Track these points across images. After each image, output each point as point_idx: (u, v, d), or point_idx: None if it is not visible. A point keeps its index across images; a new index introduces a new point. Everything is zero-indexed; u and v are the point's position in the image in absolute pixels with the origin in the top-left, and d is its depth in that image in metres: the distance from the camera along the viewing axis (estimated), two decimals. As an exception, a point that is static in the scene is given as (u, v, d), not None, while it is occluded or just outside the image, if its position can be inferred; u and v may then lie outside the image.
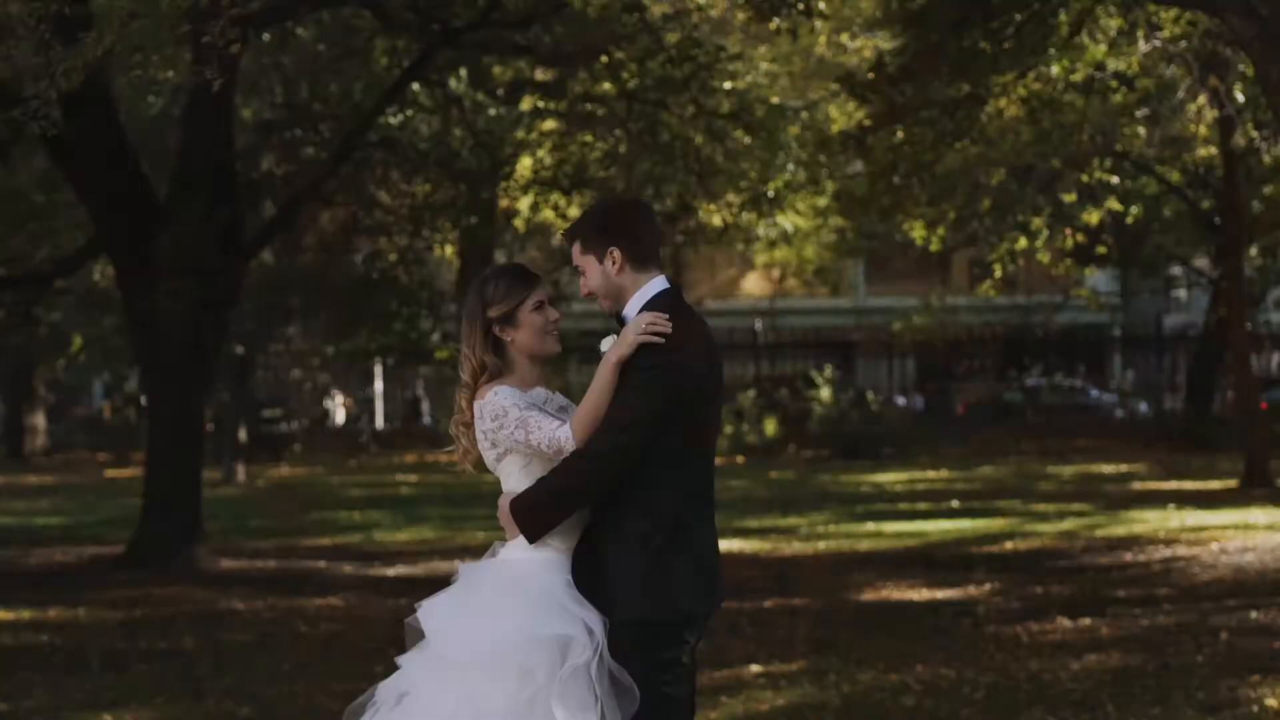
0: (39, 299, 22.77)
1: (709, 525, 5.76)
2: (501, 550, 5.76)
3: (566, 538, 5.67)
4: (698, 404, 5.64)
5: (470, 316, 5.80)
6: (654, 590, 5.57)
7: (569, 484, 5.56)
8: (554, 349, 5.84)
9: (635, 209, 5.87)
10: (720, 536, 5.98)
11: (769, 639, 13.51)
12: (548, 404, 5.77)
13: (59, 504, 28.47)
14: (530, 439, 5.60)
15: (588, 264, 5.80)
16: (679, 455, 5.62)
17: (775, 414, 39.73)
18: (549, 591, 5.59)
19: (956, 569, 17.76)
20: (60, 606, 15.82)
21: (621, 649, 5.55)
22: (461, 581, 5.74)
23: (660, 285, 5.76)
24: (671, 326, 5.57)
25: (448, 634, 5.58)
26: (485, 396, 5.70)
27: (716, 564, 5.78)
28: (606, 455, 5.52)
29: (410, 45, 19.85)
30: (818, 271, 42.19)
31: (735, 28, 25.20)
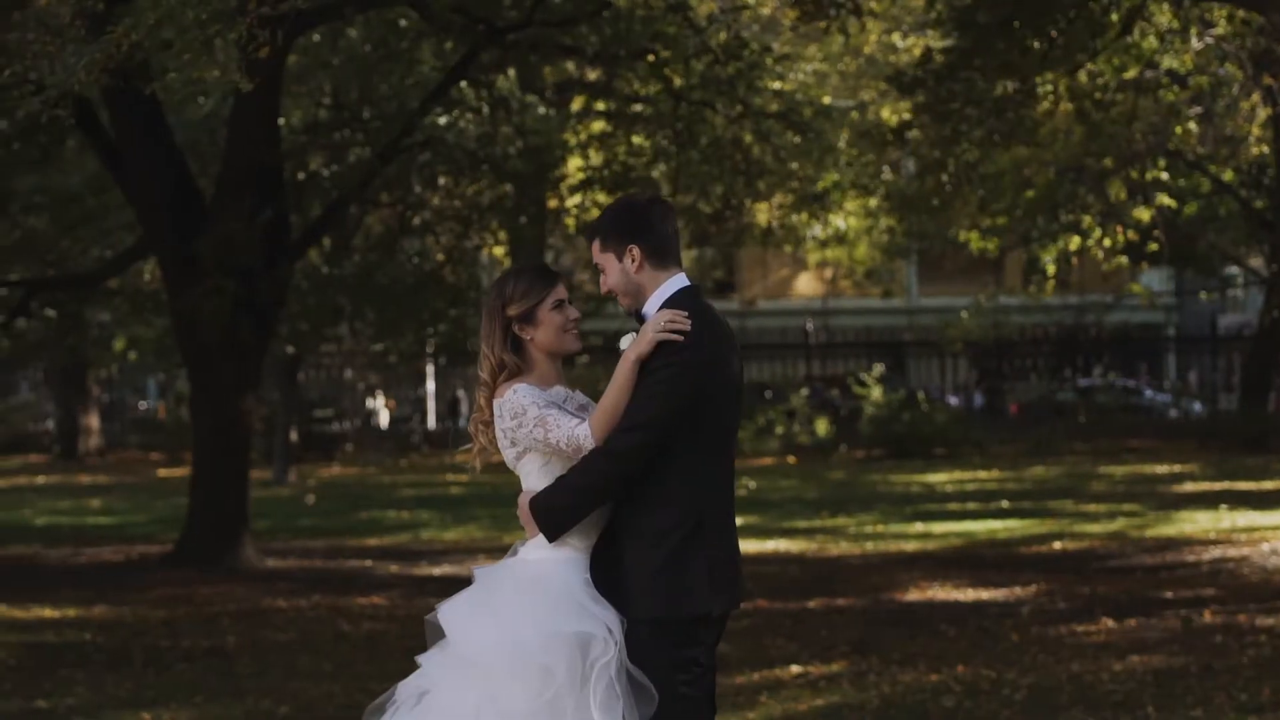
0: (87, 300, 22.88)
1: (728, 524, 5.73)
2: (521, 549, 5.75)
3: (586, 536, 5.65)
4: (716, 402, 5.62)
5: (490, 314, 5.79)
6: (671, 589, 5.54)
7: (588, 482, 5.54)
8: (573, 347, 5.82)
9: (654, 207, 5.84)
10: (767, 536, 5.98)
11: (811, 639, 13.47)
12: (567, 402, 5.75)
13: (111, 503, 28.61)
14: (549, 437, 5.58)
15: (607, 262, 5.79)
16: (698, 453, 5.59)
17: (826, 414, 39.63)
18: (568, 590, 5.57)
19: (1003, 569, 17.67)
20: (106, 605, 15.90)
21: (639, 648, 5.53)
22: (481, 581, 5.73)
23: (680, 283, 5.73)
24: (690, 324, 5.55)
25: (468, 633, 5.56)
26: (504, 395, 5.68)
27: (736, 563, 5.75)
28: (625, 453, 5.50)
29: (456, 46, 19.87)
30: (869, 273, 42.07)
31: (786, 27, 25.12)
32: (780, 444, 38.32)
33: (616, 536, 5.64)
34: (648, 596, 5.55)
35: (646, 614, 5.54)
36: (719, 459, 5.67)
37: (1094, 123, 22.02)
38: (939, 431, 37.81)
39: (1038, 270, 35.60)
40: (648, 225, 5.74)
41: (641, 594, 5.55)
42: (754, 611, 15.07)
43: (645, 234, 5.72)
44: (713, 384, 5.59)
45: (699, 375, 5.55)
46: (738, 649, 12.97)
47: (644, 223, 5.75)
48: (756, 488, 29.76)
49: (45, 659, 12.96)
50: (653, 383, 5.53)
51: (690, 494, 5.57)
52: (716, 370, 5.61)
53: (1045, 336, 46.00)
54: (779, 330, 47.78)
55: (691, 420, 5.55)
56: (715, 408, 5.62)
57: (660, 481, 5.55)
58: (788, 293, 55.85)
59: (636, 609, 5.55)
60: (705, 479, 5.61)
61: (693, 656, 5.60)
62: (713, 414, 5.61)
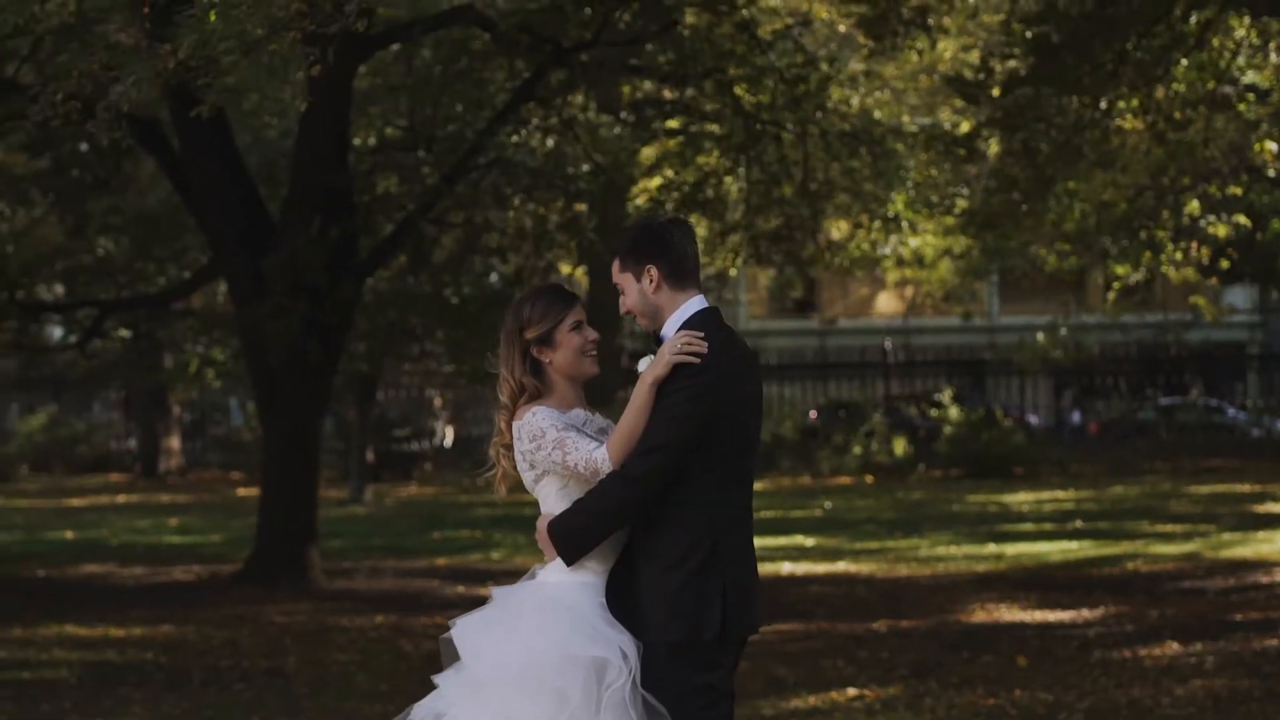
0: (160, 320, 23.07)
1: (746, 546, 5.69)
2: (540, 572, 5.74)
3: (603, 560, 5.63)
4: (733, 424, 5.58)
5: (508, 338, 5.78)
6: (687, 613, 5.51)
7: (605, 506, 5.52)
8: (592, 370, 5.80)
9: (674, 228, 5.81)
10: (837, 557, 5.97)
11: (871, 661, 13.39)
12: (587, 425, 5.73)
13: (188, 522, 28.78)
14: (567, 460, 5.56)
15: (626, 282, 5.76)
16: (715, 476, 5.56)
17: (904, 433, 39.41)
18: (584, 614, 5.54)
19: (1073, 591, 17.50)
20: (172, 624, 15.99)
21: (655, 672, 5.50)
22: (497, 602, 5.71)
23: (698, 304, 5.70)
24: (707, 346, 5.51)
25: (483, 654, 5.56)
26: (523, 417, 5.67)
27: (753, 586, 5.71)
28: (642, 477, 5.47)
29: (523, 66, 19.89)
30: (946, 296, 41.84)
31: (860, 44, 24.97)
32: (858, 463, 38.13)
33: (633, 560, 5.61)
34: (664, 620, 5.52)
35: (663, 638, 5.52)
36: (736, 481, 5.64)
37: (1169, 141, 21.80)
38: (1018, 451, 37.54)
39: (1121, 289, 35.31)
40: (666, 246, 5.72)
41: (658, 618, 5.52)
42: (816, 633, 15.01)
43: (663, 255, 5.70)
44: (729, 406, 5.56)
45: (715, 397, 5.51)
46: (795, 671, 12.91)
47: (662, 243, 5.72)
48: (832, 507, 29.66)
49: (106, 678, 13.04)
50: (669, 405, 5.50)
51: (706, 517, 5.54)
52: (733, 392, 5.58)
53: (1126, 355, 45.60)
54: (859, 349, 47.56)
55: (708, 442, 5.51)
56: (732, 429, 5.58)
57: (676, 504, 5.52)
58: (868, 312, 55.67)
59: (653, 633, 5.52)
60: (721, 502, 5.57)
61: (709, 681, 5.56)
62: (729, 436, 5.57)
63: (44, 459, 42.96)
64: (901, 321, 53.29)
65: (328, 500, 32.81)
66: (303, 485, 19.19)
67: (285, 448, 19.03)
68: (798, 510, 29.30)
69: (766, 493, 34.05)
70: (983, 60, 20.91)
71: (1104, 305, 37.83)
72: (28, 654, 14.27)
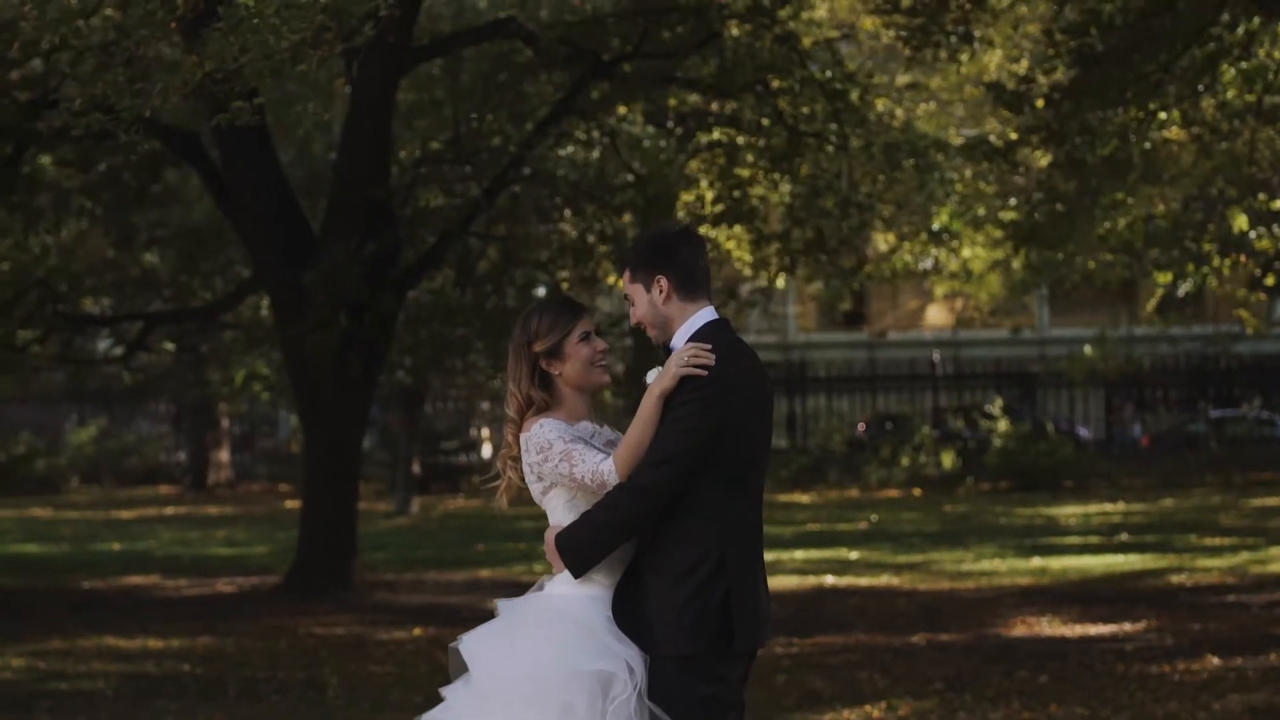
0: (204, 333, 23.17)
1: (754, 559, 5.66)
2: (548, 584, 5.72)
3: (610, 573, 5.61)
4: (740, 436, 5.55)
5: (516, 350, 5.76)
6: (693, 625, 5.48)
7: (613, 518, 5.49)
8: (601, 381, 5.78)
9: (684, 238, 5.78)
10: (880, 570, 5.94)
11: (907, 675, 13.32)
12: (594, 438, 5.70)
13: (234, 535, 28.88)
14: (574, 472, 5.54)
15: (636, 293, 5.74)
16: (723, 489, 5.53)
17: (952, 446, 39.26)
18: (590, 627, 5.52)
19: (1116, 605, 17.38)
20: (211, 636, 16.03)
21: (660, 685, 5.47)
22: (504, 615, 5.70)
23: (708, 316, 5.67)
24: (715, 358, 5.49)
25: (490, 667, 5.55)
26: (530, 429, 5.65)
27: (761, 599, 5.68)
28: (649, 489, 5.45)
29: (564, 78, 19.91)
30: (992, 311, 41.66)
31: (904, 56, 24.94)
32: (906, 476, 38.01)
33: (640, 573, 5.59)
34: (671, 633, 5.49)
35: (670, 651, 5.49)
36: (743, 494, 5.61)
37: (1214, 153, 21.67)
38: (1067, 464, 37.34)
39: (1167, 300, 35.10)
40: (676, 256, 5.69)
41: (665, 631, 5.49)
42: (854, 646, 14.96)
43: (673, 265, 5.67)
44: (736, 418, 5.53)
45: (722, 409, 5.48)
46: (831, 684, 12.86)
47: (672, 254, 5.69)
48: (878, 520, 29.55)
49: (143, 689, 13.08)
50: (676, 418, 5.48)
51: (713, 530, 5.51)
52: (740, 404, 5.55)
53: (1176, 367, 45.31)
54: (908, 362, 47.42)
55: (715, 455, 5.49)
56: (739, 442, 5.55)
57: (683, 517, 5.50)
58: (918, 324, 55.48)
59: (661, 645, 5.50)
60: (728, 514, 5.54)
61: (715, 693, 5.53)
62: (736, 448, 5.54)
63: (94, 471, 43.20)
64: (951, 334, 53.08)
65: (374, 513, 32.96)
66: (343, 497, 19.24)
67: (326, 460, 19.08)
68: (843, 523, 29.21)
69: (813, 505, 34.01)
70: (1027, 72, 20.82)
71: (1151, 317, 37.63)
72: (66, 665, 14.34)
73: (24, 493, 40.11)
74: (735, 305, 25.70)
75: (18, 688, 13.18)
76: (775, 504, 34.27)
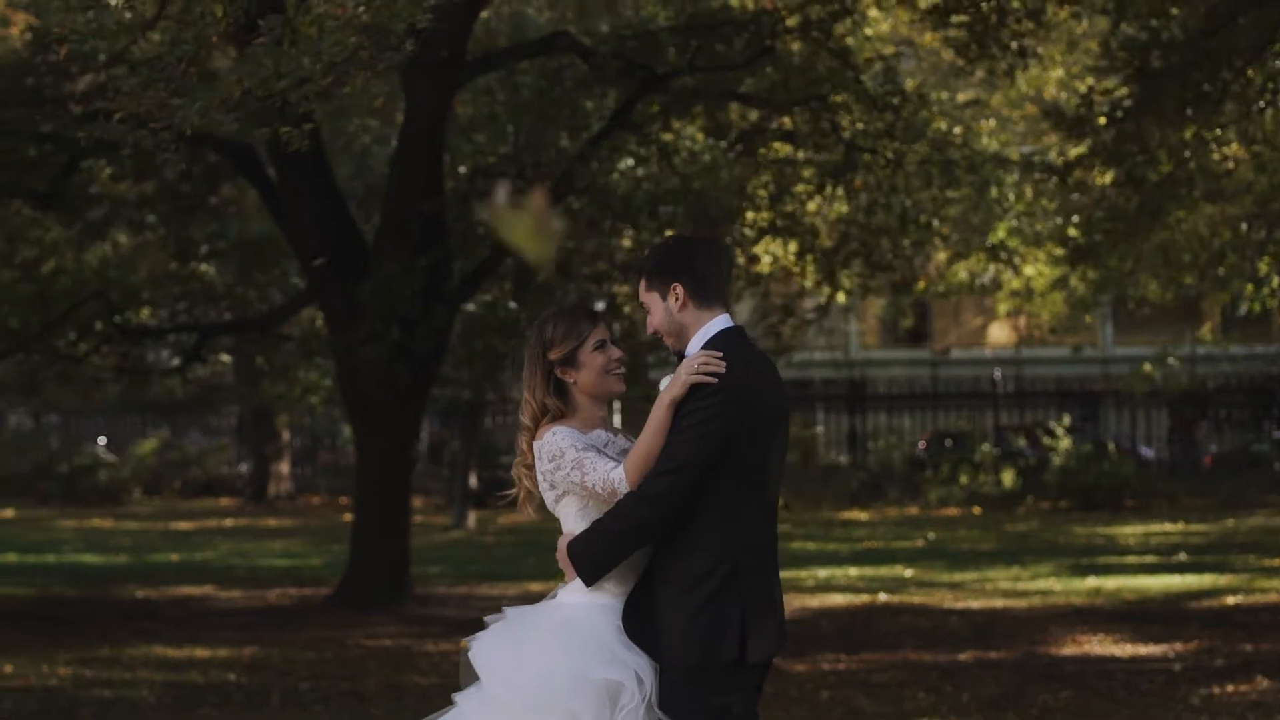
0: (260, 345, 23.26)
1: (766, 568, 5.61)
2: (560, 593, 5.71)
3: (622, 582, 5.58)
4: (751, 444, 5.51)
5: (531, 359, 5.76)
6: (702, 636, 5.45)
7: (623, 526, 5.47)
8: (617, 389, 5.76)
9: (700, 246, 5.76)
10: (933, 588, 5.88)
11: (952, 692, 13.23)
12: (608, 446, 5.68)
13: (290, 547, 28.98)
14: (585, 480, 5.52)
15: (652, 300, 5.72)
16: (735, 497, 5.49)
17: (1013, 465, 39.02)
18: (599, 636, 5.50)
19: (1169, 624, 17.22)
20: (258, 646, 16.06)
21: (672, 695, 5.44)
22: (512, 622, 5.69)
23: (723, 323, 5.64)
24: (725, 365, 5.45)
25: (498, 673, 5.54)
26: (543, 436, 5.64)
27: (774, 610, 5.63)
28: (659, 497, 5.42)
29: (617, 93, 19.90)
30: (1052, 330, 41.38)
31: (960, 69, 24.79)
32: (965, 494, 37.81)
33: (652, 583, 5.56)
34: (682, 644, 5.46)
35: (680, 662, 5.46)
36: (754, 502, 5.56)
37: (1272, 169, 21.48)
38: (1128, 483, 37.07)
39: (1230, 320, 34.85)
40: (691, 264, 5.66)
41: (675, 641, 5.46)
42: (901, 663, 14.87)
43: (688, 273, 5.65)
44: (748, 426, 5.49)
45: (733, 417, 5.45)
46: (875, 701, 12.79)
47: (688, 261, 5.67)
48: (935, 538, 29.39)
49: (186, 698, 13.12)
50: (686, 426, 5.45)
51: (724, 539, 5.47)
52: (752, 412, 5.51)
53: (1240, 386, 44.92)
54: (971, 380, 47.19)
55: (726, 463, 5.45)
56: (751, 450, 5.51)
57: (694, 526, 5.47)
58: (980, 342, 55.22)
59: (670, 656, 5.47)
60: (740, 523, 5.51)
61: (725, 704, 5.49)
62: (748, 457, 5.51)
63: (155, 482, 43.45)
64: (1014, 352, 52.81)
65: (432, 526, 33.03)
66: (395, 508, 19.27)
67: (377, 470, 19.13)
68: (900, 541, 29.08)
69: (871, 523, 33.87)
70: (1086, 94, 20.68)
71: (1213, 336, 37.34)
72: (112, 673, 14.40)
73: (87, 503, 40.39)
74: (792, 322, 25.60)
75: (61, 695, 13.25)
76: (834, 521, 34.19)
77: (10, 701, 12.94)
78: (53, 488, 41.70)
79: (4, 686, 13.69)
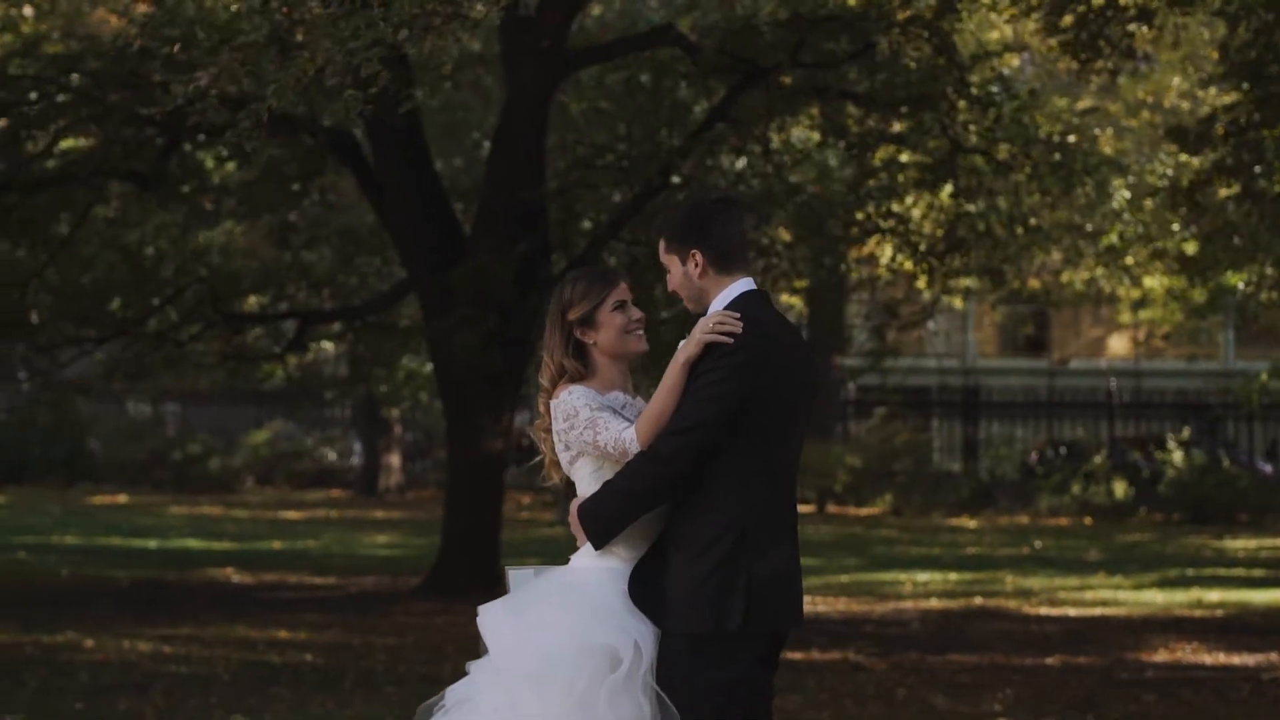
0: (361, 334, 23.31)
1: (780, 536, 5.46)
2: (573, 558, 5.64)
3: (632, 546, 5.49)
4: (766, 407, 5.38)
5: (551, 321, 5.70)
6: (707, 603, 5.33)
7: (633, 487, 5.38)
8: (638, 348, 5.67)
9: (720, 210, 5.64)
10: (1030, 595, 5.72)
11: (1031, 695, 13.02)
12: (626, 409, 5.60)
13: (394, 538, 29.07)
14: (598, 440, 5.45)
15: (671, 264, 5.63)
16: (748, 462, 5.37)
17: (1125, 476, 38.48)
18: (603, 601, 5.42)
19: (1266, 636, 16.88)
20: (340, 630, 16.10)
21: (673, 662, 5.33)
22: (516, 588, 5.62)
23: (743, 287, 5.53)
24: (742, 327, 5.33)
25: (500, 643, 5.49)
26: (559, 396, 5.57)
27: (786, 580, 5.47)
28: (668, 457, 5.32)
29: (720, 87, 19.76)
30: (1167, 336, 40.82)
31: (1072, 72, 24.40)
32: (1077, 504, 37.35)
33: (665, 546, 5.45)
34: (685, 609, 5.35)
35: (683, 628, 5.35)
36: (769, 468, 5.43)
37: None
38: (1244, 496, 36.46)
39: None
40: (710, 229, 5.56)
41: (679, 606, 5.36)
42: (986, 666, 14.67)
43: (707, 238, 5.54)
44: (764, 389, 5.37)
45: (748, 378, 5.33)
46: (951, 700, 12.62)
47: (707, 226, 5.57)
48: (1041, 547, 29.03)
49: (260, 676, 13.15)
50: (699, 386, 5.35)
51: (734, 503, 5.35)
52: (769, 375, 5.39)
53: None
54: (1090, 390, 46.65)
55: (741, 427, 5.33)
56: (768, 414, 5.39)
57: (706, 490, 5.36)
58: (1100, 353, 54.59)
59: (673, 622, 5.35)
60: (751, 488, 5.38)
61: (729, 676, 5.35)
62: (765, 421, 5.38)
63: (268, 473, 43.78)
64: (1134, 363, 52.17)
65: (539, 521, 33.06)
66: (486, 498, 19.26)
67: (469, 460, 19.13)
68: (1006, 548, 28.75)
69: (979, 530, 33.53)
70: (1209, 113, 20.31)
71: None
72: (191, 650, 14.48)
73: (199, 491, 40.78)
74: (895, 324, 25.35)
75: (137, 669, 13.35)
76: (941, 527, 33.92)
77: (87, 675, 13.05)
78: (166, 475, 42.14)
79: (83, 660, 13.83)
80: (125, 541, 26.49)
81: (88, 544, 25.86)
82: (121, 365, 22.54)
